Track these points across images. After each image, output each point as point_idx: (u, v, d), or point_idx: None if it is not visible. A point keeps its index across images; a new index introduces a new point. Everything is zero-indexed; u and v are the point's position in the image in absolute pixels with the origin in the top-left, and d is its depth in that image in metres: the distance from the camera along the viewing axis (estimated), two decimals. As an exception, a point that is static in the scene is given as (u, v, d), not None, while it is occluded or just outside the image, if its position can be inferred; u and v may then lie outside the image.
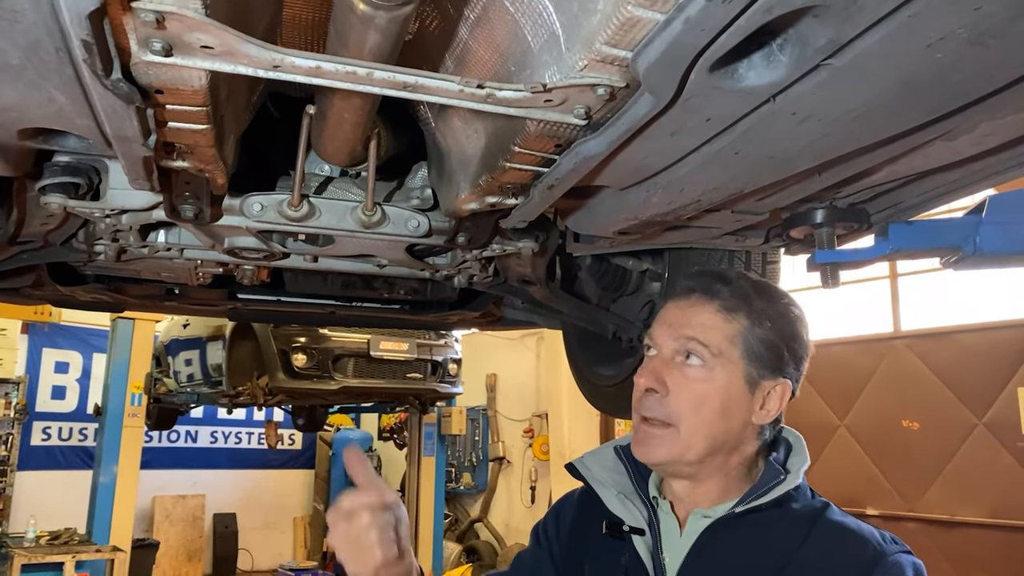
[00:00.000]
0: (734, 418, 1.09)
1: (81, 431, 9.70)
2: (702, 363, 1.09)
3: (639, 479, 1.20)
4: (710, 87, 0.93)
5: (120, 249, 1.72)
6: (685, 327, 1.11)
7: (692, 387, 1.09)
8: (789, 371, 1.12)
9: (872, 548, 1.01)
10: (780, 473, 1.09)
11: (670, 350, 1.12)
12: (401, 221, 1.55)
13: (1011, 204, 1.46)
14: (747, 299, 1.12)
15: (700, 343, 1.09)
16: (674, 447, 1.08)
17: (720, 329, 1.10)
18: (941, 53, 0.84)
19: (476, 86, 0.97)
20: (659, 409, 1.09)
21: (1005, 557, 5.56)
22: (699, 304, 1.12)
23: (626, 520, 1.14)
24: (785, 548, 1.04)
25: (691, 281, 1.17)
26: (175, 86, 0.95)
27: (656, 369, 1.11)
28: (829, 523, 1.06)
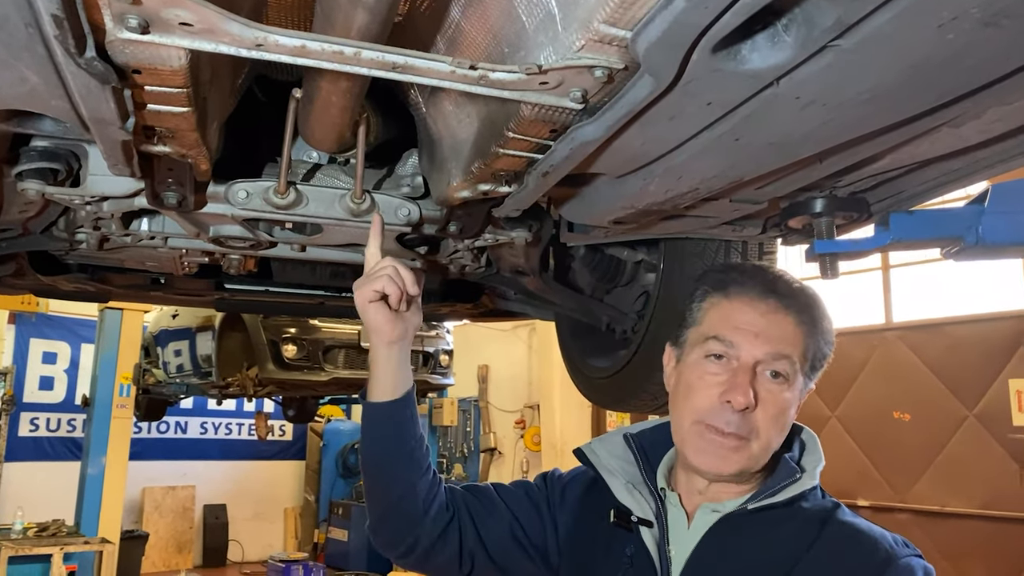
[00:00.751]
0: (788, 426, 1.10)
1: (69, 422, 9.64)
2: (785, 379, 1.07)
3: (648, 469, 1.18)
4: (712, 69, 0.89)
5: (102, 237, 1.67)
6: (778, 342, 1.07)
7: (775, 402, 1.07)
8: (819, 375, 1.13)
9: (883, 551, 1.00)
10: (796, 472, 1.08)
11: (754, 361, 1.07)
12: (391, 209, 1.51)
13: (1014, 194, 1.44)
14: (811, 310, 1.10)
15: (790, 361, 1.07)
16: (746, 460, 1.06)
17: (800, 345, 1.09)
18: (953, 34, 0.81)
19: (468, 67, 0.93)
20: (742, 424, 1.06)
21: (995, 548, 5.58)
22: (781, 315, 1.09)
23: (634, 511, 1.13)
24: (794, 548, 1.03)
25: (756, 281, 1.12)
26: (153, 66, 0.91)
27: (747, 385, 1.06)
28: (840, 524, 1.05)
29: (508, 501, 1.26)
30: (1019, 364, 5.53)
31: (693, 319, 1.14)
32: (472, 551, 1.23)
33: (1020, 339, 5.51)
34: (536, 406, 9.13)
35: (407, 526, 1.21)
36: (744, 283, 1.12)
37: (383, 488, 1.23)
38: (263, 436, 7.82)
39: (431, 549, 1.21)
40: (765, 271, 1.16)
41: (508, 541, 1.23)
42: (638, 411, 2.51)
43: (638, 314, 2.14)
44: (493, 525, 1.24)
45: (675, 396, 1.14)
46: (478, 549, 1.23)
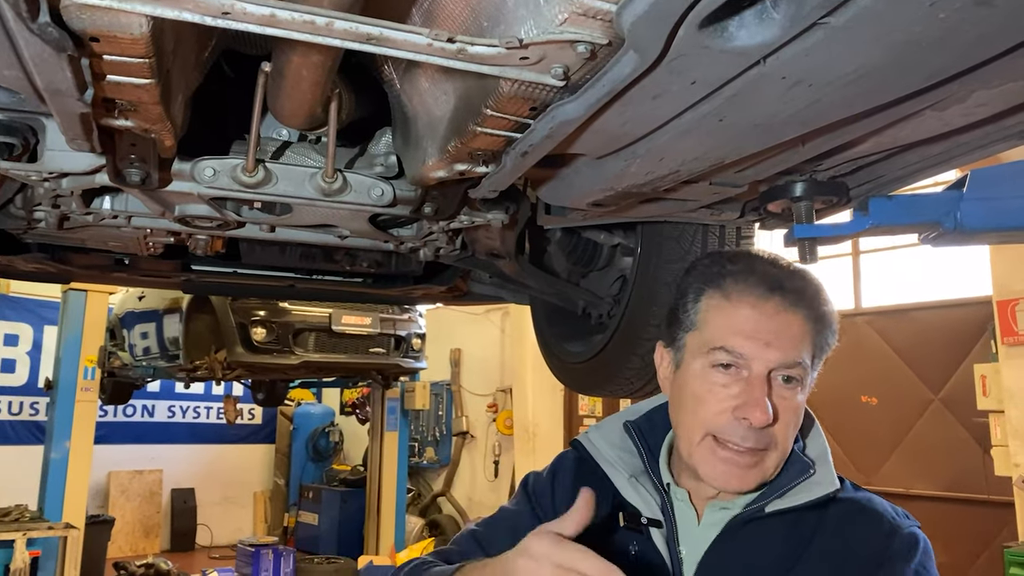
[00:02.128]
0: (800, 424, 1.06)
1: (32, 405, 9.46)
2: (799, 383, 1.02)
3: (651, 459, 1.12)
4: (698, 46, 0.86)
5: (62, 216, 1.61)
6: (791, 349, 1.01)
7: (791, 408, 1.02)
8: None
9: (887, 522, 1.00)
10: (807, 468, 1.03)
11: (766, 369, 1.00)
12: (364, 189, 1.47)
13: (993, 179, 1.43)
14: (817, 303, 1.06)
15: (803, 366, 1.02)
16: (763, 474, 1.01)
17: (808, 343, 1.03)
18: (945, 13, 0.79)
19: (446, 40, 0.90)
20: (761, 439, 1.00)
21: (958, 529, 5.70)
22: (789, 315, 1.02)
23: (642, 510, 1.06)
24: (803, 535, 1.01)
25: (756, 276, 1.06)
26: (112, 33, 0.86)
27: (765, 401, 0.98)
28: (843, 503, 1.03)
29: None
30: (984, 350, 5.62)
31: (691, 322, 1.07)
32: None
33: (985, 325, 5.60)
34: (508, 390, 9.13)
35: None
36: (742, 279, 1.05)
37: None
38: (232, 420, 7.74)
39: None
40: (760, 260, 1.10)
41: None
42: (613, 396, 2.50)
43: (614, 298, 2.12)
44: None
45: (680, 405, 1.07)
46: None
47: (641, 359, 1.99)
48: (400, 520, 8.85)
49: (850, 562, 0.98)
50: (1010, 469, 5.12)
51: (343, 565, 8.14)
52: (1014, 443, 5.09)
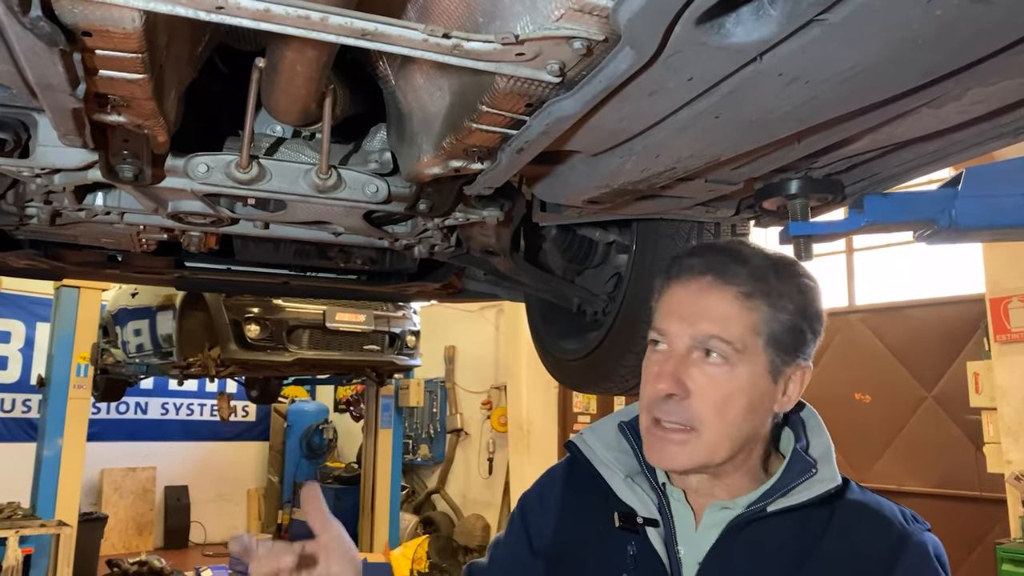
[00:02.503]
0: (759, 413, 1.01)
1: (24, 402, 9.41)
2: (724, 360, 0.99)
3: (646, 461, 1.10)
4: (695, 43, 0.86)
5: (54, 212, 1.60)
6: (702, 321, 1.00)
7: (716, 387, 0.99)
8: (809, 351, 1.04)
9: (896, 530, 0.97)
10: (809, 467, 1.00)
11: (685, 346, 1.01)
12: (358, 186, 1.46)
13: (988, 177, 1.43)
14: (766, 281, 1.01)
15: (722, 340, 0.99)
16: (698, 453, 0.99)
17: (741, 320, 0.99)
18: (942, 10, 0.79)
19: (442, 35, 0.89)
20: (680, 413, 0.99)
21: (950, 526, 5.72)
22: (714, 290, 1.01)
23: (638, 510, 1.05)
24: (808, 538, 0.98)
25: (699, 259, 1.05)
26: (104, 27, 0.85)
27: (674, 370, 1.00)
28: (850, 504, 1.00)
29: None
30: (976, 347, 5.64)
31: (653, 314, 1.08)
32: None
33: (978, 323, 5.62)
34: (503, 387, 9.13)
35: None
36: (686, 265, 1.05)
37: None
38: (226, 417, 7.72)
39: None
40: (717, 246, 1.09)
41: None
42: (608, 393, 2.50)
43: (609, 296, 2.12)
44: None
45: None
46: None
47: (636, 356, 1.98)
48: (394, 517, 8.85)
49: (856, 566, 0.95)
50: (1002, 466, 5.14)
51: (337, 562, 8.13)
52: (1006, 440, 5.12)
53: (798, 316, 1.02)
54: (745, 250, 1.06)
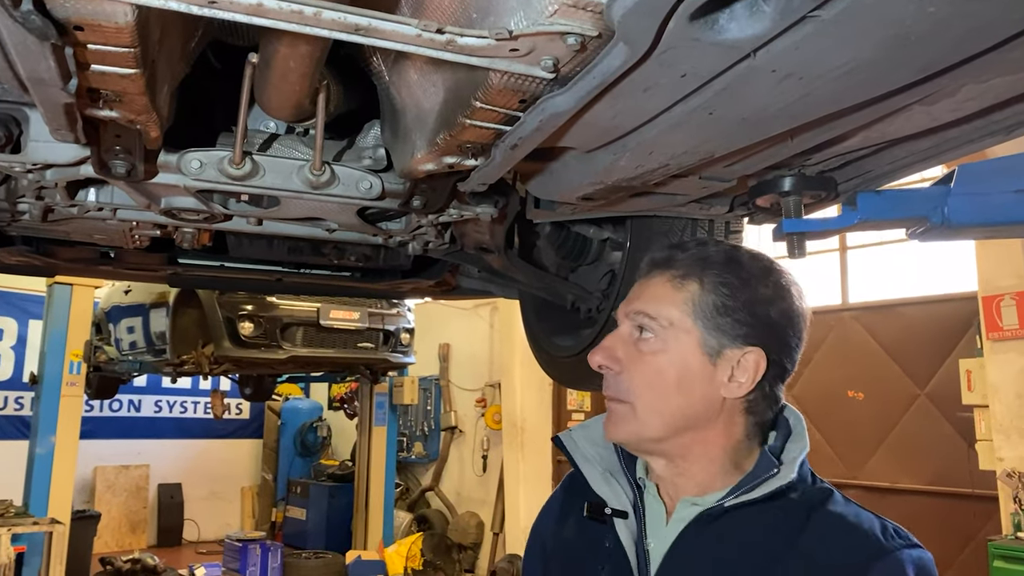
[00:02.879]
0: (693, 392, 1.03)
1: (17, 400, 9.38)
2: (654, 336, 1.05)
3: (627, 457, 1.14)
4: (688, 39, 0.86)
5: (46, 208, 1.59)
6: (636, 302, 1.08)
7: (645, 361, 1.05)
8: (761, 339, 1.04)
9: (871, 544, 0.94)
10: (774, 465, 1.01)
11: (627, 327, 1.09)
12: (352, 182, 1.46)
13: (980, 174, 1.44)
14: (701, 264, 1.06)
15: (648, 316, 1.05)
16: (632, 425, 1.05)
17: (669, 299, 1.05)
18: (935, 7, 0.79)
19: (435, 31, 0.89)
20: (617, 387, 1.07)
21: (942, 522, 5.75)
22: (655, 277, 1.09)
23: (609, 501, 1.08)
24: (778, 543, 0.97)
25: (653, 255, 1.13)
26: (96, 21, 0.85)
27: (609, 346, 1.08)
28: (827, 515, 0.99)
29: None
30: (969, 345, 5.67)
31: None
32: None
33: (971, 320, 5.65)
34: (497, 385, 9.13)
35: None
36: (644, 261, 1.13)
37: None
38: (219, 415, 7.70)
39: None
40: (675, 244, 1.14)
41: None
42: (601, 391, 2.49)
43: (603, 293, 2.12)
44: None
45: None
46: None
47: (630, 354, 1.98)
48: (388, 515, 8.85)
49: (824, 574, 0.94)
50: (994, 463, 5.16)
51: (331, 560, 8.14)
52: (998, 437, 5.14)
53: (734, 300, 1.04)
54: (693, 242, 1.13)
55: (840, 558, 0.94)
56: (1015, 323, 5.06)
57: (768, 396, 1.06)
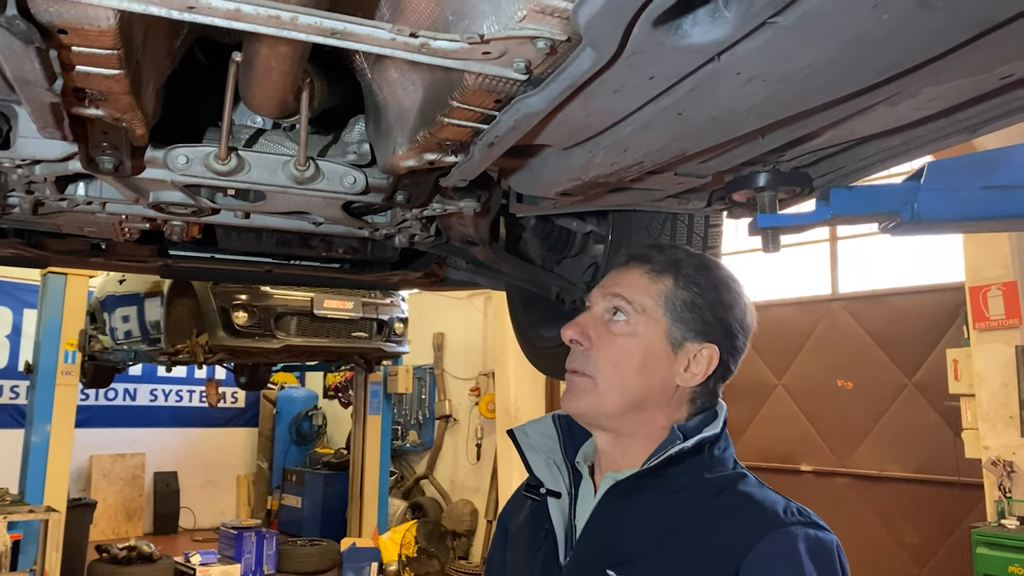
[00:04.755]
0: (654, 375, 1.12)
1: (12, 389, 9.40)
2: (626, 319, 1.13)
3: (570, 447, 1.23)
4: (654, 43, 0.89)
5: (36, 202, 1.62)
6: (614, 286, 1.16)
7: (614, 341, 1.13)
8: (716, 338, 1.13)
9: (767, 517, 1.01)
10: (677, 437, 1.09)
11: (600, 308, 1.17)
12: (336, 177, 1.48)
13: (949, 171, 1.47)
14: (676, 264, 1.16)
15: (625, 299, 1.14)
16: (592, 398, 1.12)
17: (646, 288, 1.14)
18: (888, 14, 0.82)
19: (409, 35, 0.92)
20: (582, 361, 1.14)
21: (928, 510, 5.82)
22: (632, 268, 1.18)
23: (546, 483, 1.18)
24: (684, 513, 1.05)
25: (631, 251, 1.22)
26: (80, 25, 0.88)
27: (582, 323, 1.16)
28: (737, 492, 1.06)
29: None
30: (956, 335, 5.72)
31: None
32: None
33: (958, 310, 5.70)
34: (491, 374, 9.18)
35: None
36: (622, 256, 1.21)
37: None
38: (214, 404, 7.74)
39: None
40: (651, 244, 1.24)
41: None
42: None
43: (587, 285, 2.15)
44: None
45: None
46: None
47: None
48: (383, 503, 8.91)
49: (718, 544, 1.00)
50: (980, 452, 5.23)
51: (326, 547, 8.19)
52: (984, 426, 5.20)
53: (701, 299, 1.13)
54: (668, 245, 1.25)
55: (734, 530, 1.01)
56: (1001, 313, 5.11)
57: (710, 391, 1.16)
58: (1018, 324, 5.07)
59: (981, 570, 4.45)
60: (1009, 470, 4.93)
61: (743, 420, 7.08)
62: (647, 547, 1.04)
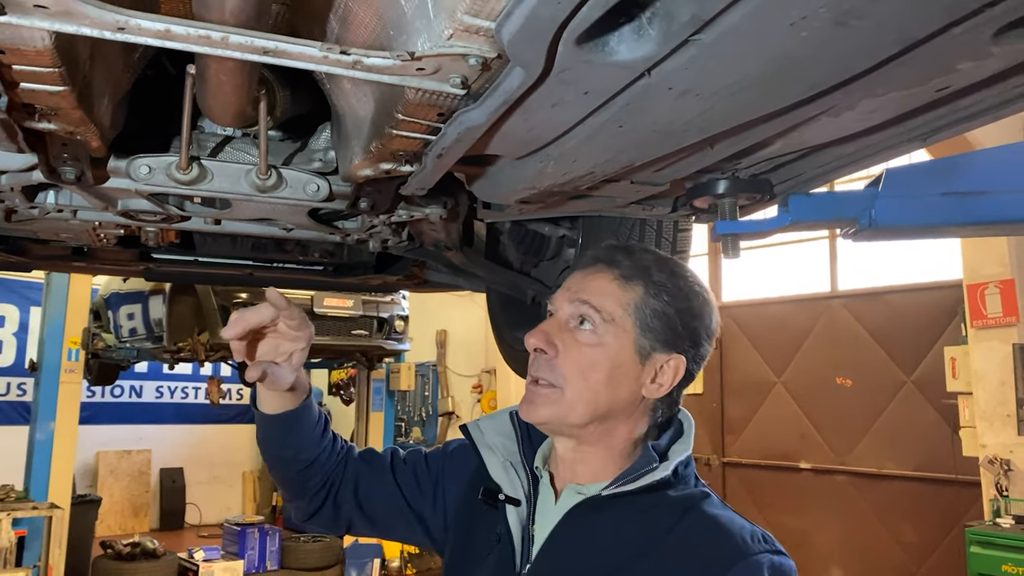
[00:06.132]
0: (621, 386, 1.09)
1: (19, 386, 9.49)
2: (593, 328, 1.09)
3: (528, 448, 1.20)
4: (580, 60, 0.90)
5: (8, 210, 1.64)
6: (581, 292, 1.12)
7: (581, 351, 1.09)
8: (684, 347, 1.11)
9: (735, 545, 0.99)
10: (653, 460, 1.07)
11: (566, 314, 1.12)
12: (299, 185, 1.50)
13: (908, 177, 1.48)
14: (646, 271, 1.12)
15: (593, 308, 1.10)
16: (558, 408, 1.09)
17: (615, 296, 1.10)
18: (807, 32, 0.83)
19: (340, 52, 0.93)
20: (548, 370, 1.10)
21: (926, 507, 5.81)
22: (600, 272, 1.13)
23: (505, 489, 1.15)
24: (651, 534, 1.03)
25: (597, 252, 1.18)
26: (15, 46, 0.89)
27: (547, 331, 1.12)
28: (701, 514, 1.04)
29: (397, 473, 1.31)
30: (954, 332, 5.70)
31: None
32: (349, 515, 1.31)
33: (956, 308, 5.67)
34: (493, 371, 9.21)
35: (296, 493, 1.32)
36: (587, 256, 1.18)
37: (279, 468, 1.32)
38: (216, 402, 7.78)
39: (310, 511, 1.32)
40: (619, 246, 1.19)
41: (389, 510, 1.29)
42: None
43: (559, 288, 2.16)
44: (376, 494, 1.29)
45: None
46: (355, 513, 1.30)
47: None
48: (386, 499, 8.93)
49: (688, 571, 0.99)
50: (977, 450, 5.21)
51: (329, 543, 8.24)
52: (981, 424, 5.18)
53: (671, 308, 1.10)
54: (637, 248, 1.17)
55: (704, 556, 1.00)
56: (999, 311, 5.09)
57: (672, 400, 1.13)
58: (1016, 322, 5.04)
59: (975, 569, 4.44)
60: (1006, 468, 4.91)
61: (742, 418, 7.07)
62: (612, 568, 1.02)
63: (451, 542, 1.24)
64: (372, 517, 1.31)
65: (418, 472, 1.31)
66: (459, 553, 1.21)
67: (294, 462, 1.28)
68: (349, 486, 1.30)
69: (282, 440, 1.28)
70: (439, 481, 1.29)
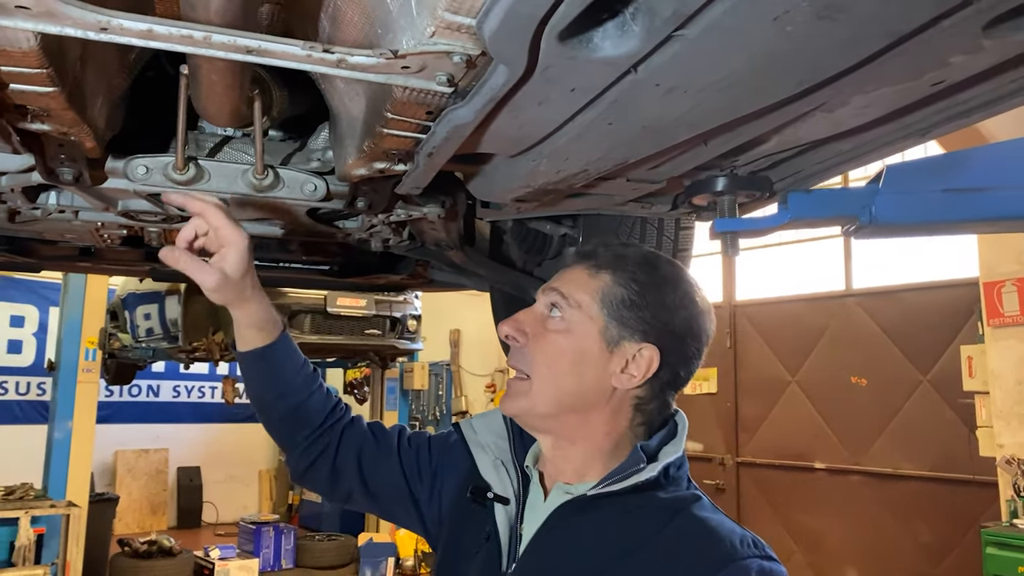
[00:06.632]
0: (586, 375, 1.09)
1: (39, 385, 9.60)
2: (561, 315, 1.11)
3: (519, 447, 1.20)
4: (564, 57, 0.89)
5: (11, 211, 1.66)
6: (554, 283, 1.15)
7: (548, 337, 1.11)
8: (662, 342, 1.09)
9: (724, 549, 0.98)
10: (641, 461, 1.06)
11: (540, 304, 1.15)
12: (296, 185, 1.50)
13: (908, 174, 1.46)
14: (620, 260, 1.13)
15: (561, 295, 1.12)
16: (527, 399, 1.10)
17: (583, 284, 1.12)
18: (791, 26, 0.81)
19: (323, 51, 0.93)
20: (519, 358, 1.13)
21: (942, 508, 5.74)
22: (576, 264, 1.16)
23: (494, 487, 1.15)
24: (639, 535, 1.02)
25: (580, 248, 1.22)
26: (1, 47, 0.90)
27: (519, 319, 1.15)
28: (691, 517, 1.03)
29: (403, 454, 1.31)
30: (971, 331, 5.62)
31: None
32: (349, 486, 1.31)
33: (972, 307, 5.60)
34: (506, 370, 9.20)
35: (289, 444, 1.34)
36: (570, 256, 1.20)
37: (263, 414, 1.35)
38: (231, 401, 7.83)
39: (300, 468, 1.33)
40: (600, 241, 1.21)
41: (392, 491, 1.29)
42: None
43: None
44: (381, 472, 1.30)
45: None
46: (357, 485, 1.30)
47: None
48: (400, 498, 8.95)
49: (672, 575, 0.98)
50: (994, 449, 5.14)
51: (343, 542, 8.28)
52: (998, 424, 5.11)
53: (641, 297, 1.10)
54: (622, 243, 1.21)
55: (691, 559, 0.98)
56: (1016, 309, 5.02)
57: (657, 397, 1.11)
58: (1033, 320, 4.98)
59: (991, 570, 4.38)
60: (1023, 469, 4.84)
61: (756, 417, 7.02)
62: (597, 569, 1.02)
63: (444, 537, 1.24)
64: (376, 495, 1.31)
65: (420, 458, 1.31)
66: (451, 549, 1.22)
67: (275, 406, 1.30)
68: (351, 453, 1.30)
69: (259, 379, 1.30)
70: (438, 472, 1.29)
